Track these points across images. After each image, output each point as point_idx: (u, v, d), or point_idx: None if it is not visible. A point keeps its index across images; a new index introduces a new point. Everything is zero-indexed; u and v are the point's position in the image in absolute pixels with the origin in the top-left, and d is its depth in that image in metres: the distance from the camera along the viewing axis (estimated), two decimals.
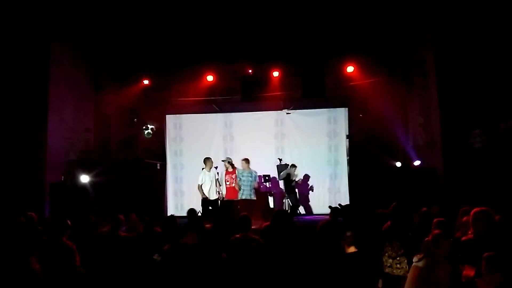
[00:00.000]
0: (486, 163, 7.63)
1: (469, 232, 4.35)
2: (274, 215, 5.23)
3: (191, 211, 6.97)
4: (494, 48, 7.29)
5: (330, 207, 7.01)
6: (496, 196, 6.52)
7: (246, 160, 9.98)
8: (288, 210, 10.70)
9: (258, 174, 11.84)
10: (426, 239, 4.08)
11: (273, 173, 11.84)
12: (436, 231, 4.16)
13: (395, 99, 12.24)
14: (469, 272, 3.79)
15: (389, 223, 4.91)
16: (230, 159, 10.33)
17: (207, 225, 5.94)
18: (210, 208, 9.92)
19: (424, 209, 5.84)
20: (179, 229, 5.26)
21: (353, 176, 11.50)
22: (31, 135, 9.70)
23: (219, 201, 10.07)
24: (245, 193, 9.66)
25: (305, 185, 11.99)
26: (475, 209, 4.32)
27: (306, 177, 12.07)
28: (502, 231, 4.13)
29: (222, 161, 10.33)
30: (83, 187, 9.97)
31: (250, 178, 9.78)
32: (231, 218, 6.45)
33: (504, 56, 6.97)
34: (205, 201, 9.92)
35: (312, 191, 12.11)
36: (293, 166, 11.05)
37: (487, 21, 7.50)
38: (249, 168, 9.95)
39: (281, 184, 11.51)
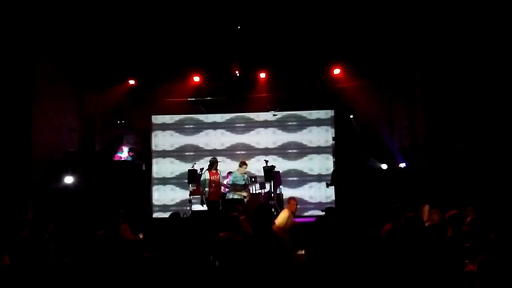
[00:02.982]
0: (469, 165, 7.75)
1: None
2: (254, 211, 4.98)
3: (174, 216, 6.83)
4: (480, 52, 7.41)
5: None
6: (479, 197, 6.62)
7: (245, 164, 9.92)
8: (274, 212, 10.68)
9: None
10: None
11: (260, 175, 11.83)
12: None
13: (381, 101, 12.35)
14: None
15: (389, 225, 4.91)
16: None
17: None
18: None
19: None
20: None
21: (339, 178, 11.54)
22: (14, 135, 9.50)
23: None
24: (235, 196, 9.62)
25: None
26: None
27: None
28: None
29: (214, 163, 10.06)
30: (67, 188, 9.82)
31: (244, 182, 9.79)
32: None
33: (488, 59, 7.09)
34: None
35: None
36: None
37: (473, 25, 7.62)
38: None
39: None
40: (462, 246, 4.31)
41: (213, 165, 9.84)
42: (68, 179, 9.95)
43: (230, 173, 11.66)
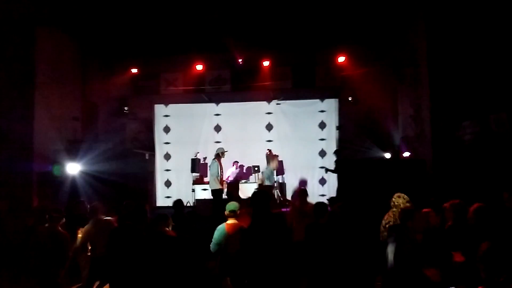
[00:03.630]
0: (475, 155, 7.63)
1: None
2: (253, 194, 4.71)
3: (178, 202, 6.86)
4: (487, 40, 7.25)
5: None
6: (484, 188, 6.54)
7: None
8: (277, 201, 10.67)
9: (248, 166, 11.84)
10: None
11: (263, 164, 11.78)
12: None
13: (386, 90, 12.18)
14: (459, 258, 3.87)
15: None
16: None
17: None
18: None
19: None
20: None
21: (342, 168, 11.48)
22: (17, 124, 9.49)
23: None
24: None
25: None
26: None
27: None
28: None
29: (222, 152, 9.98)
30: (71, 176, 9.84)
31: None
32: None
33: (496, 48, 6.93)
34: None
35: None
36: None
37: (480, 12, 7.45)
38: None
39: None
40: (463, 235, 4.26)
41: (222, 154, 9.84)
42: (72, 168, 9.96)
43: (236, 162, 11.66)
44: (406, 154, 10.41)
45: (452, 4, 8.46)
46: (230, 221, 5.07)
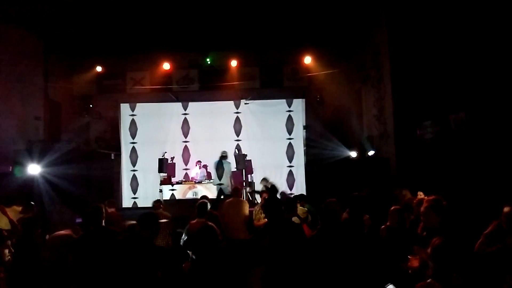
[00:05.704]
0: (436, 153, 7.95)
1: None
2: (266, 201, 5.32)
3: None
4: (446, 42, 7.57)
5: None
6: (445, 185, 6.82)
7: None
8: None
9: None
10: None
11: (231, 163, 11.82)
12: None
13: (351, 90, 12.52)
14: (413, 262, 3.82)
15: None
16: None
17: None
18: None
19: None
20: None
21: (309, 166, 11.70)
22: None
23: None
24: None
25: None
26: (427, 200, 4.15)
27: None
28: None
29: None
30: (32, 177, 9.52)
31: None
32: None
33: (455, 49, 7.25)
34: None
35: None
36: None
37: (440, 15, 7.76)
38: None
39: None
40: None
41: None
42: (33, 169, 9.65)
43: (199, 162, 11.65)
44: (371, 152, 10.71)
45: (413, 8, 8.78)
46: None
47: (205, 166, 11.75)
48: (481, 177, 6.30)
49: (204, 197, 7.50)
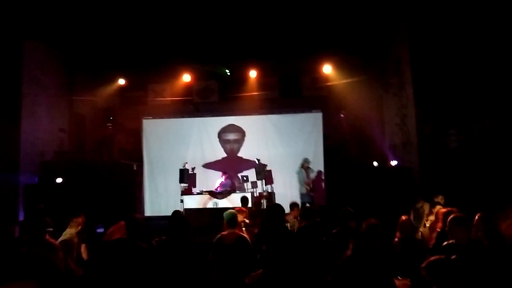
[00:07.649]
0: (460, 162, 7.78)
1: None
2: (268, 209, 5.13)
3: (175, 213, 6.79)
4: (469, 50, 7.44)
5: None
6: (470, 195, 6.66)
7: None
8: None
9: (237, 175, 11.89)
10: None
11: (252, 174, 11.80)
12: None
13: (372, 99, 12.36)
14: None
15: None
16: None
17: None
18: None
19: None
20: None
21: (329, 177, 11.57)
22: (3, 135, 9.40)
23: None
24: None
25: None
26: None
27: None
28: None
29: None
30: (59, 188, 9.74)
31: None
32: None
33: (479, 56, 7.12)
34: None
35: None
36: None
37: (463, 20, 7.64)
38: None
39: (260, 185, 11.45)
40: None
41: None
42: (59, 180, 9.88)
43: (225, 173, 11.68)
44: (393, 162, 10.54)
45: (434, 15, 8.67)
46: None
47: (230, 177, 11.75)
48: (507, 186, 6.14)
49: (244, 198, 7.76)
